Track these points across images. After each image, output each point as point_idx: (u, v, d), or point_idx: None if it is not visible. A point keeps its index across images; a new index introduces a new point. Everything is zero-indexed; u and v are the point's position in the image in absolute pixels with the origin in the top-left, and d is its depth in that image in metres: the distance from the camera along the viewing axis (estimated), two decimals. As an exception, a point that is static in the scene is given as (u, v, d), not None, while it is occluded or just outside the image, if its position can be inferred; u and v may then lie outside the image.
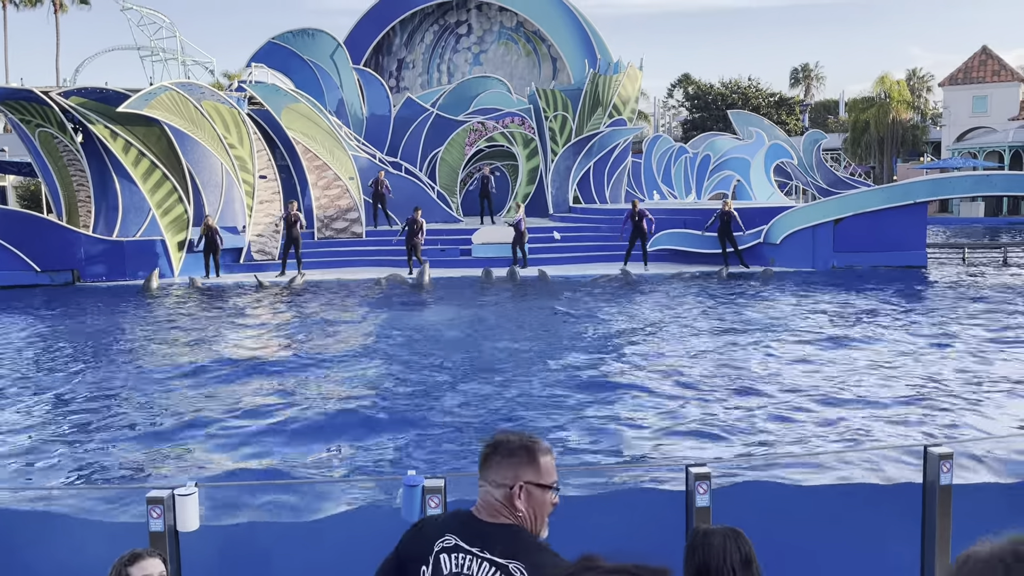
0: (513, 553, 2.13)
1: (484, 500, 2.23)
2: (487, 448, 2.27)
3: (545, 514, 2.24)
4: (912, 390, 9.29)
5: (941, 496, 4.38)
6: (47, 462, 7.39)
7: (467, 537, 2.20)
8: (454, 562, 2.18)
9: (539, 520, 2.22)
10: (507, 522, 2.19)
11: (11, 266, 19.56)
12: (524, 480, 2.19)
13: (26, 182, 37.80)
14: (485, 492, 2.23)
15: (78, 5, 51.75)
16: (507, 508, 2.19)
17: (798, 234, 21.21)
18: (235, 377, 10.46)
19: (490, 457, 2.24)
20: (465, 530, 2.21)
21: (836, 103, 70.45)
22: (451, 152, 26.55)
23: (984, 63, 50.09)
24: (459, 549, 2.19)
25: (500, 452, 2.23)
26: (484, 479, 2.24)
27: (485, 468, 2.24)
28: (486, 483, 2.23)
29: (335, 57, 26.02)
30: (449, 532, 2.22)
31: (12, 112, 20.63)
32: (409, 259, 20.33)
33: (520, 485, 2.19)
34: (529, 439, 2.25)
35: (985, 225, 39.96)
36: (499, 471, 2.21)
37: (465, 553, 2.18)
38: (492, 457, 2.24)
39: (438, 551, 2.21)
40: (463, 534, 2.20)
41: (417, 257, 20.31)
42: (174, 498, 3.92)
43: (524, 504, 2.19)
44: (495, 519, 2.20)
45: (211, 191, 21.63)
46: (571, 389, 9.48)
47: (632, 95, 26.95)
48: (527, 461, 2.21)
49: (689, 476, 4.22)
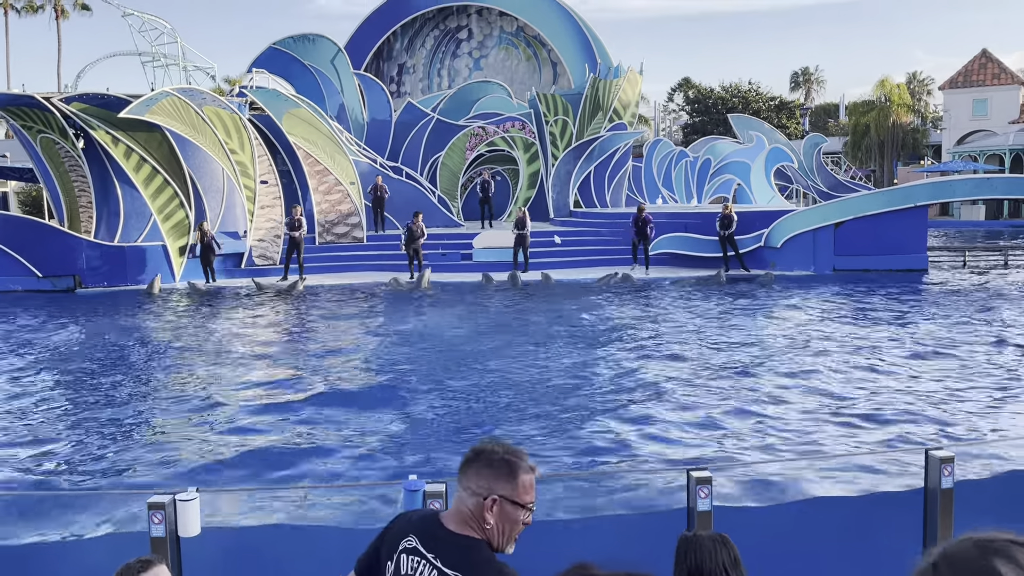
0: (461, 566, 2.09)
1: (456, 507, 2.19)
2: (469, 454, 2.21)
3: (515, 532, 2.17)
4: (916, 393, 9.28)
5: (943, 499, 4.38)
6: (48, 462, 7.40)
7: (426, 541, 2.17)
8: (410, 564, 2.17)
9: (507, 536, 2.17)
10: (469, 534, 2.14)
11: (13, 272, 19.58)
12: (499, 493, 2.13)
13: (28, 188, 37.87)
14: (459, 499, 2.18)
15: (79, 11, 51.87)
16: (476, 519, 2.14)
17: (799, 238, 21.22)
18: (238, 379, 10.46)
19: (470, 463, 2.19)
20: (427, 534, 2.18)
21: (836, 107, 70.47)
22: (452, 157, 26.58)
23: (984, 66, 50.11)
24: (417, 552, 2.17)
25: (481, 460, 2.17)
26: (460, 485, 2.19)
27: (463, 474, 2.19)
28: (461, 489, 2.18)
29: (336, 62, 26.07)
30: (413, 533, 2.21)
31: (14, 118, 20.67)
32: (411, 264, 20.37)
33: (494, 498, 2.13)
34: (514, 453, 2.19)
35: (986, 228, 39.96)
36: (476, 480, 2.16)
37: (421, 557, 2.16)
38: (472, 464, 2.18)
39: (400, 550, 2.21)
40: (423, 537, 2.18)
41: (419, 262, 20.34)
42: (175, 503, 3.92)
43: (495, 518, 2.13)
44: (460, 529, 2.16)
45: (212, 196, 21.65)
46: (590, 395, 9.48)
47: (632, 99, 26.98)
48: (506, 475, 2.15)
49: (690, 480, 4.22)
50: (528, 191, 26.94)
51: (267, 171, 21.76)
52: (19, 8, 51.59)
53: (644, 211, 21.20)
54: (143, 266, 20.33)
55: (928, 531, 4.46)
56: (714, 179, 33.98)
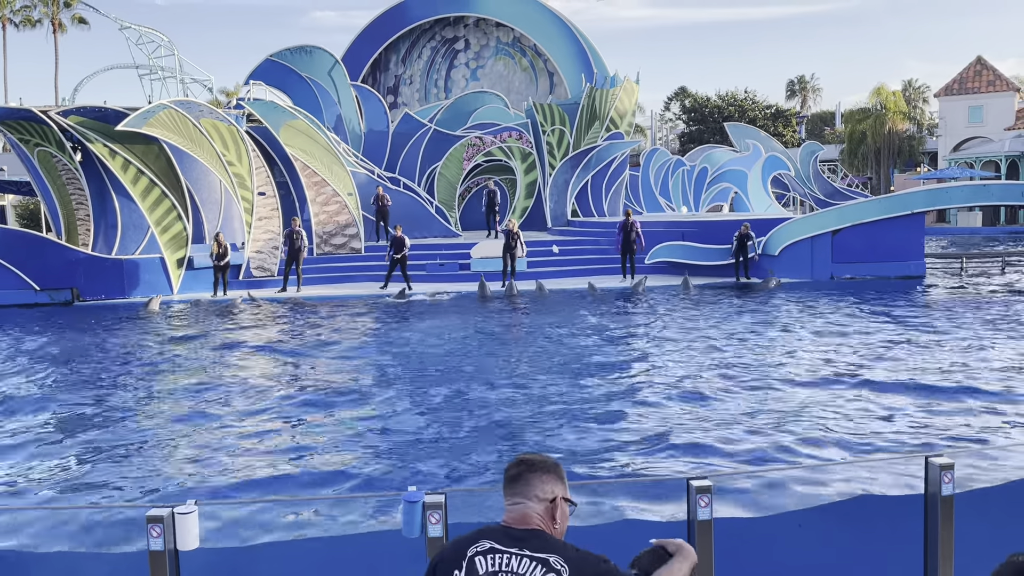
0: (550, 549, 2.28)
1: (520, 513, 2.37)
2: (521, 466, 2.42)
3: (566, 526, 2.42)
4: (918, 399, 9.28)
5: (943, 507, 4.36)
6: (44, 478, 7.38)
7: (502, 540, 2.32)
8: (490, 562, 2.28)
9: (562, 532, 2.41)
10: (537, 528, 2.35)
11: (11, 285, 19.56)
12: (560, 495, 2.39)
13: (25, 201, 37.89)
14: (523, 506, 2.37)
15: (77, 25, 52.00)
16: (544, 520, 2.36)
17: (796, 245, 21.26)
18: (234, 394, 10.45)
19: (527, 474, 2.40)
20: (499, 535, 2.34)
21: (832, 114, 70.72)
22: (449, 167, 26.64)
23: (979, 73, 50.30)
24: (495, 551, 2.30)
25: (540, 469, 2.41)
26: (522, 495, 2.38)
27: (523, 484, 2.39)
28: (525, 499, 2.38)
29: (333, 74, 26.14)
30: (483, 538, 2.34)
31: (11, 132, 20.69)
32: (388, 275, 20.41)
33: (559, 499, 2.39)
34: (553, 460, 2.46)
35: (983, 235, 40.03)
36: (540, 486, 2.38)
37: (502, 553, 2.29)
38: (531, 474, 2.40)
39: (472, 555, 2.31)
40: (498, 538, 2.33)
41: (403, 274, 20.33)
42: (174, 517, 3.90)
43: (560, 516, 2.39)
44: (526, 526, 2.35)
45: (210, 208, 21.65)
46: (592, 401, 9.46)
47: (629, 108, 27.06)
48: (559, 478, 2.42)
49: (691, 489, 4.19)
50: (526, 201, 26.98)
51: (265, 183, 21.78)
52: (17, 22, 51.70)
53: (631, 218, 21.21)
54: (141, 278, 20.31)
55: (929, 538, 4.44)
56: (711, 188, 34.07)
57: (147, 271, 20.42)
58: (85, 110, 20.35)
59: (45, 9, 51.25)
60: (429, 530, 3.83)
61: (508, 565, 2.25)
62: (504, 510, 2.39)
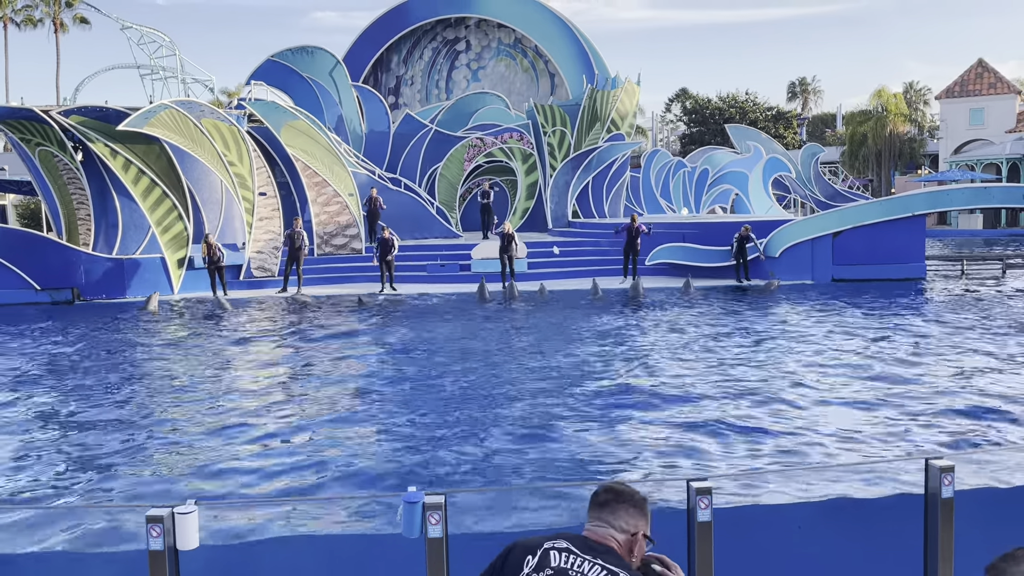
0: (624, 567, 2.31)
1: (601, 534, 2.40)
2: (610, 495, 2.46)
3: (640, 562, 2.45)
4: (918, 399, 9.28)
5: (943, 508, 4.36)
6: (41, 478, 7.38)
7: (579, 546, 2.35)
8: (564, 559, 2.31)
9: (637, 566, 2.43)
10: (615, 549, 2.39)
11: (11, 284, 19.57)
12: (643, 531, 2.42)
13: (26, 201, 37.91)
14: (606, 530, 2.40)
15: (78, 24, 52.03)
16: (622, 550, 2.38)
17: (797, 247, 21.26)
18: (231, 395, 10.45)
19: (614, 504, 2.43)
20: (578, 542, 2.36)
21: (833, 116, 70.76)
22: (450, 168, 26.65)
23: (980, 76, 50.30)
24: (571, 552, 2.33)
25: (628, 501, 2.44)
26: (607, 523, 2.41)
27: (609, 513, 2.42)
28: (609, 526, 2.41)
29: (334, 74, 26.15)
30: (562, 539, 2.37)
31: (12, 131, 20.70)
32: (382, 276, 20.41)
33: (640, 535, 2.42)
34: (642, 495, 2.49)
35: (984, 237, 40.02)
36: (627, 519, 2.41)
37: (577, 556, 2.31)
38: (619, 504, 2.43)
39: (548, 547, 2.34)
40: (576, 544, 2.35)
41: (390, 274, 20.33)
42: (174, 516, 3.90)
43: (638, 550, 2.42)
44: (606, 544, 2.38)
45: (211, 208, 21.66)
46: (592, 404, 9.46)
47: (630, 110, 27.06)
48: (644, 515, 2.45)
49: (690, 491, 4.20)
50: (526, 202, 27.00)
51: (266, 183, 21.79)
52: (18, 22, 51.74)
53: (637, 221, 21.22)
54: (142, 278, 20.31)
55: (929, 540, 4.44)
56: (712, 189, 34.06)
57: (148, 271, 20.43)
58: (86, 110, 20.37)
59: (47, 9, 51.29)
60: (429, 531, 3.83)
61: (580, 567, 2.28)
62: (584, 527, 2.43)
